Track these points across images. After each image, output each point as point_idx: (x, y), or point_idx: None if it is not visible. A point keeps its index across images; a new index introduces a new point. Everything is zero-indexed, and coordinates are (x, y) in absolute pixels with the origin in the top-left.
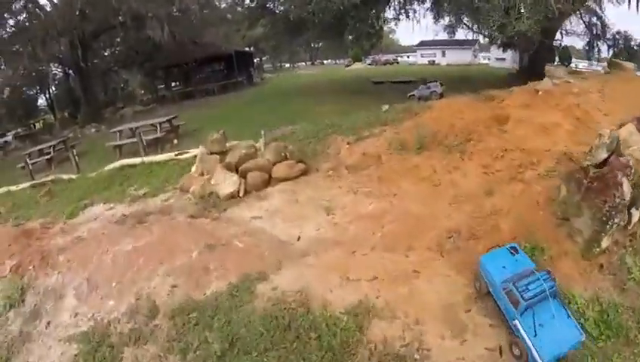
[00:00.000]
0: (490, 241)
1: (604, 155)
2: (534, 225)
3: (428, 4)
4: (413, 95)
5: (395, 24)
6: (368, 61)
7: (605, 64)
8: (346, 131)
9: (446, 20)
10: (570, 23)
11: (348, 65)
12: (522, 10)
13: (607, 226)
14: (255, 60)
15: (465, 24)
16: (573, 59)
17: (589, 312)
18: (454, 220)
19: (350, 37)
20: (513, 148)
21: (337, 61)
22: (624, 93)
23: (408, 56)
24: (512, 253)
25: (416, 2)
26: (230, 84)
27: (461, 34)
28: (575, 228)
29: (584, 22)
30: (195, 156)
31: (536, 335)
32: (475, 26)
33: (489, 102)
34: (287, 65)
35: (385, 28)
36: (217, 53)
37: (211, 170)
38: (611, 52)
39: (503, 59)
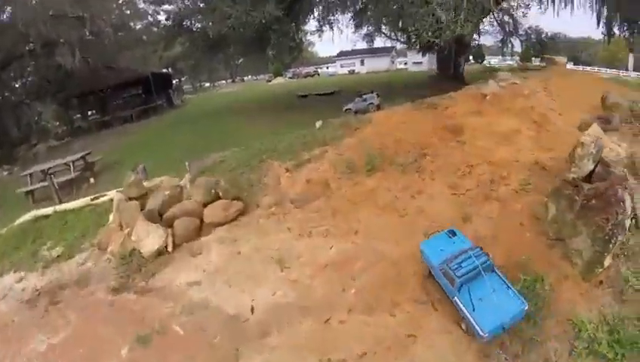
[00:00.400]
0: None
1: (591, 166)
2: (525, 251)
3: (350, 14)
4: (350, 109)
5: (319, 35)
6: (289, 75)
7: (517, 58)
8: (283, 155)
9: (365, 30)
10: (483, 23)
11: (269, 81)
12: (461, 15)
13: (610, 245)
14: (174, 82)
15: (383, 32)
16: (486, 57)
17: (600, 334)
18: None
19: (272, 52)
20: (479, 162)
21: (258, 77)
22: (567, 90)
23: (327, 67)
24: (450, 236)
25: (338, 12)
26: (150, 109)
27: (379, 42)
28: (572, 250)
29: (497, 20)
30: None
31: (474, 309)
32: (394, 33)
33: (432, 110)
34: (207, 84)
35: (305, 40)
36: (134, 76)
37: (131, 221)
38: (524, 46)
39: (420, 62)
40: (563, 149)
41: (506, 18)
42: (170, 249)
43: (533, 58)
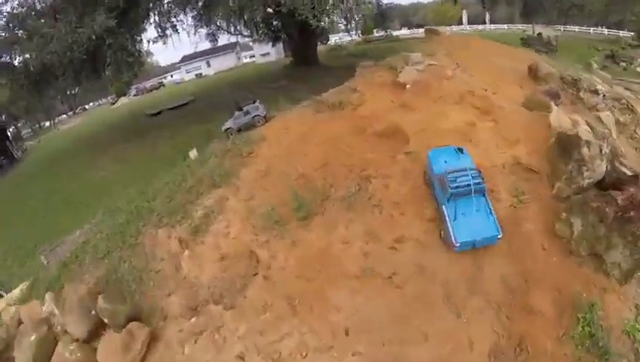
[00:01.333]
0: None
1: (604, 167)
2: (561, 278)
3: (193, 13)
4: (231, 128)
5: (164, 42)
6: (133, 92)
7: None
8: (166, 215)
9: (206, 29)
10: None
11: (114, 103)
12: None
13: None
14: (9, 131)
15: (225, 30)
16: (330, 36)
17: None
18: (479, 329)
19: (108, 72)
20: None
21: (100, 101)
22: (474, 61)
23: (172, 76)
24: (457, 151)
25: (180, 13)
26: None
27: (223, 39)
28: (609, 263)
29: None
30: None
31: (456, 219)
32: (238, 27)
33: (338, 111)
34: (48, 123)
35: (143, 52)
36: None
37: None
38: (365, 20)
39: (268, 53)
40: (531, 138)
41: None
42: None
43: (374, 30)
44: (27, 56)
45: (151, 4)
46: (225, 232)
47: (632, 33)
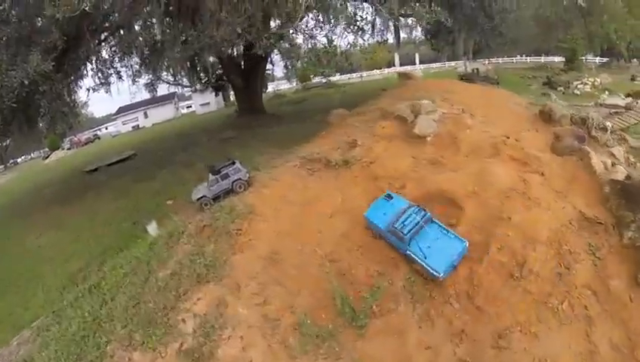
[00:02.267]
0: None
1: None
2: None
3: (137, 58)
4: (205, 197)
5: (106, 90)
6: (67, 145)
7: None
8: (138, 331)
9: (145, 78)
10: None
11: (47, 157)
12: None
13: None
14: None
15: (165, 81)
16: (269, 84)
17: None
18: None
19: (42, 123)
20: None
21: (32, 154)
22: (476, 106)
23: (107, 128)
24: (387, 199)
25: (125, 57)
26: None
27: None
28: None
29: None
30: None
31: (426, 257)
32: (179, 76)
33: (344, 170)
34: None
35: (78, 102)
36: None
37: None
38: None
39: (207, 103)
40: (581, 188)
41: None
42: None
43: (312, 77)
44: None
45: (94, 46)
46: (245, 360)
47: (556, 59)
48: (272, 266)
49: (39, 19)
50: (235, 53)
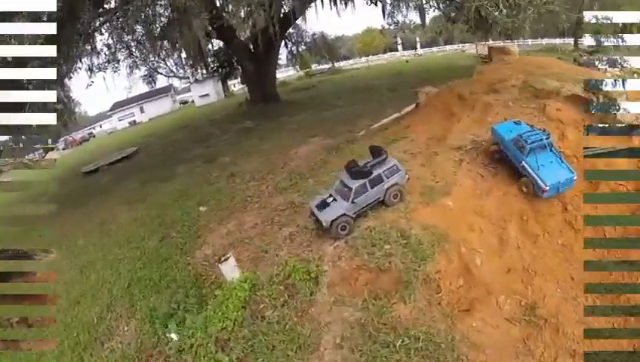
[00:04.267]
0: None
1: None
2: None
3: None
4: (346, 216)
5: (115, 69)
6: (62, 145)
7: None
8: None
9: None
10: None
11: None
12: None
13: None
14: None
15: (160, 72)
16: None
17: None
18: None
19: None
20: None
21: (28, 157)
22: None
23: (101, 126)
24: (516, 123)
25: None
26: None
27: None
28: None
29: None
30: None
31: (539, 168)
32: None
33: None
34: None
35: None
36: None
37: None
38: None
39: (207, 94)
40: None
41: (291, 30)
42: None
43: (314, 65)
44: None
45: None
46: None
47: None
48: None
49: None
50: (248, 34)
